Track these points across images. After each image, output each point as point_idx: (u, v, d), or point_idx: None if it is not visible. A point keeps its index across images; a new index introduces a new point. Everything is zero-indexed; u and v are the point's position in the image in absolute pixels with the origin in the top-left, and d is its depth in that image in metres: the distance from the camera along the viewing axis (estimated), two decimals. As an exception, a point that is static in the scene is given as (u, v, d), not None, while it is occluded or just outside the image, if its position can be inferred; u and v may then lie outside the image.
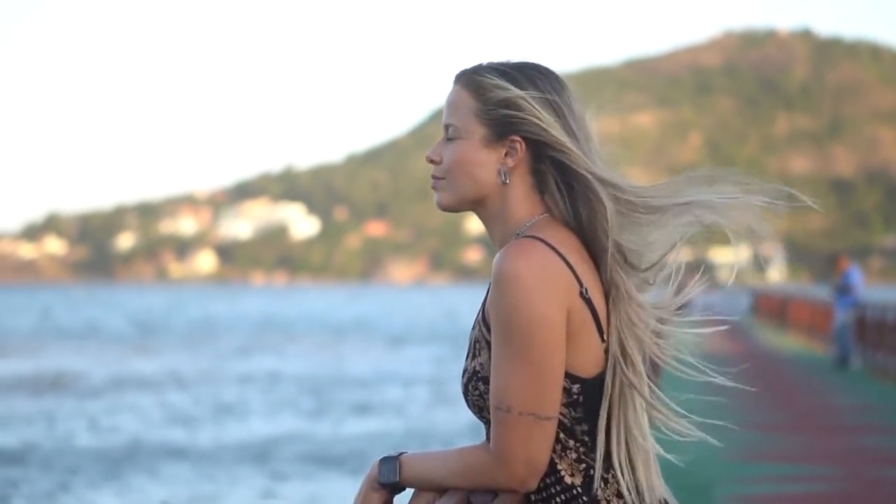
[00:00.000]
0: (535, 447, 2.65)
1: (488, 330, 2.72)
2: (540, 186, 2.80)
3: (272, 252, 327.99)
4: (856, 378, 23.24)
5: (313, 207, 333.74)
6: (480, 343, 2.75)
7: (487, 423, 2.73)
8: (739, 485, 11.23)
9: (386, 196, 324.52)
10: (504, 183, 2.79)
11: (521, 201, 2.80)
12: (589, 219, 2.76)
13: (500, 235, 2.82)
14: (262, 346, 64.38)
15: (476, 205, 2.84)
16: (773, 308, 50.32)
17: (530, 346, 2.63)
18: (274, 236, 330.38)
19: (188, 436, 27.70)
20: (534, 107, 2.77)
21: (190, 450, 25.28)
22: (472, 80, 2.84)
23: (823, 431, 15.15)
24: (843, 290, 25.90)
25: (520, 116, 2.78)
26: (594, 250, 2.77)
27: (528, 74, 2.83)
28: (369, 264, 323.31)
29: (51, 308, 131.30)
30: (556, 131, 2.77)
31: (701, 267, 2.68)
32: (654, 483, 2.78)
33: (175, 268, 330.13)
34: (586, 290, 2.70)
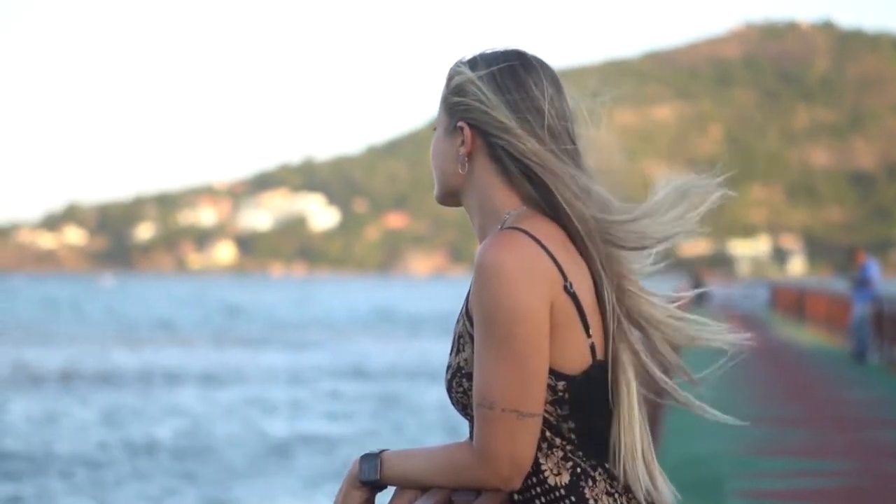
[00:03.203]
0: (518, 445, 2.58)
1: (472, 324, 2.65)
2: (504, 173, 2.71)
3: (291, 243, 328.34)
4: (872, 372, 23.09)
5: (333, 199, 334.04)
6: (464, 338, 2.68)
7: (472, 420, 2.67)
8: (751, 479, 11.11)
9: (405, 188, 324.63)
10: (462, 172, 2.75)
11: (491, 190, 2.72)
12: (552, 206, 2.69)
13: (479, 227, 2.76)
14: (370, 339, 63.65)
15: (455, 197, 2.81)
16: (791, 301, 50.12)
17: (512, 341, 2.56)
18: (293, 227, 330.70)
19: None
20: (480, 90, 2.71)
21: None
22: (449, 71, 2.81)
23: (838, 426, 15.01)
24: (861, 283, 25.71)
25: (465, 102, 2.73)
26: (573, 239, 2.68)
27: (491, 57, 2.76)
28: (388, 256, 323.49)
29: (118, 300, 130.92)
30: (497, 112, 2.69)
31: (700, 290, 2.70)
32: (642, 476, 2.69)
33: (194, 258, 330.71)
34: (571, 285, 2.62)
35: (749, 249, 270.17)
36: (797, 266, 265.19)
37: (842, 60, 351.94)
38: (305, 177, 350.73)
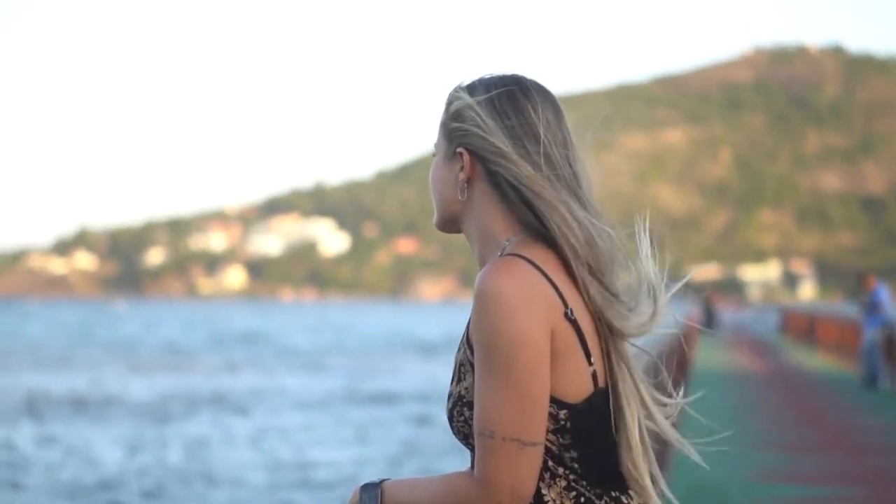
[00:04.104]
0: (520, 474, 2.53)
1: (473, 352, 2.61)
2: (503, 199, 2.68)
3: (302, 268, 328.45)
4: (883, 397, 23.04)
5: (343, 223, 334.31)
6: (465, 366, 2.64)
7: (473, 449, 2.62)
8: (761, 506, 11.12)
9: (415, 213, 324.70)
10: (461, 198, 2.73)
11: (491, 217, 2.70)
12: (546, 232, 2.66)
13: (479, 254, 2.72)
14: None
15: (455, 224, 2.78)
16: (801, 326, 50.07)
17: (513, 368, 2.52)
18: (303, 252, 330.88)
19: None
20: (478, 115, 2.69)
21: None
22: (448, 96, 2.80)
23: (849, 452, 15.01)
24: (872, 308, 25.67)
25: (463, 127, 2.71)
26: (570, 270, 2.65)
27: (490, 82, 2.74)
28: (398, 281, 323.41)
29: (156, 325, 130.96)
30: (494, 137, 2.67)
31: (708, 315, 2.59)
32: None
33: (204, 283, 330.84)
34: (572, 311, 2.59)
35: (760, 274, 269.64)
36: (808, 291, 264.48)
37: (851, 85, 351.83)
38: (316, 202, 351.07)
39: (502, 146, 2.66)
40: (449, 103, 2.77)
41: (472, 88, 2.75)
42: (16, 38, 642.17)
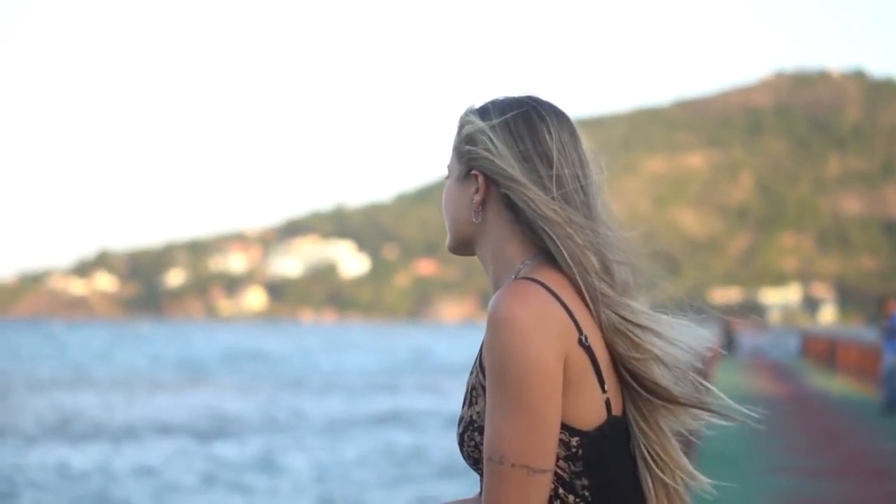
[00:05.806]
0: (529, 501, 2.49)
1: (485, 376, 2.56)
2: (518, 222, 2.65)
3: (321, 290, 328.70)
4: (903, 422, 22.95)
5: (363, 245, 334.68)
6: (477, 390, 2.61)
7: (483, 475, 2.57)
8: (779, 530, 11.07)
9: (435, 234, 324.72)
10: (475, 221, 2.70)
11: (505, 240, 2.67)
12: (556, 256, 2.63)
13: (493, 277, 2.70)
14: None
15: (468, 247, 2.75)
16: (821, 350, 49.95)
17: (524, 393, 2.47)
18: (323, 274, 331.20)
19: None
20: (490, 139, 2.67)
21: None
22: (459, 119, 2.77)
23: (867, 476, 14.96)
24: (891, 332, 25.57)
25: (474, 151, 2.68)
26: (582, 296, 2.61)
27: (505, 104, 2.72)
28: (418, 303, 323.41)
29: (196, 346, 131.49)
30: (503, 161, 2.64)
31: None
32: None
33: (224, 305, 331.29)
34: (586, 338, 2.55)
35: (780, 298, 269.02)
36: (828, 315, 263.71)
37: (873, 109, 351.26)
38: (336, 223, 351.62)
39: (511, 170, 2.63)
40: (461, 126, 2.74)
41: (484, 111, 2.72)
42: (40, 66, 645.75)
